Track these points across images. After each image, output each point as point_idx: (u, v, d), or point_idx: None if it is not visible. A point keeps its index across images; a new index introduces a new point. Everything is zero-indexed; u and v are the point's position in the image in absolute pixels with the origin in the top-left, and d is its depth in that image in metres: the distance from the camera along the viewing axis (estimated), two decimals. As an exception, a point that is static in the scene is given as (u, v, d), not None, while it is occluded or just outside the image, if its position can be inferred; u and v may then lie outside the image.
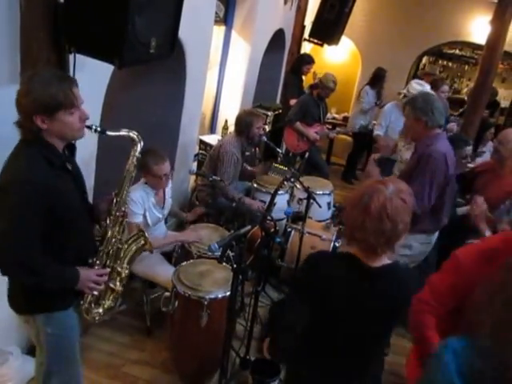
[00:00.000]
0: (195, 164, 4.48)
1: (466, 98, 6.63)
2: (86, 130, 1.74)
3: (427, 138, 2.67)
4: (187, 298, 2.44)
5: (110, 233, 1.87)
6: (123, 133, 1.85)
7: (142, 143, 1.89)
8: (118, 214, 1.87)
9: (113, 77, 2.64)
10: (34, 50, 2.00)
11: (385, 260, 1.48)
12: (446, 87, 4.57)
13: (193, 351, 2.54)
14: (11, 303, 1.82)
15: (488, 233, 2.30)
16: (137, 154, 1.89)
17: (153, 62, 2.33)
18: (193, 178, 4.38)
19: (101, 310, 1.91)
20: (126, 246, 1.94)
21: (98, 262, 1.85)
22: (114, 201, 1.87)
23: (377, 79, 5.92)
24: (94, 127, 1.77)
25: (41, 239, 1.63)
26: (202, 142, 4.48)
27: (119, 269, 1.91)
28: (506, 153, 2.95)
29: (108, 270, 1.87)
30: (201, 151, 4.48)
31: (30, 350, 2.55)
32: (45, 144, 1.63)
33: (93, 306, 1.90)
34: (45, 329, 1.81)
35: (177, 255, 3.05)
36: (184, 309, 2.48)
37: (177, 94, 3.72)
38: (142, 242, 1.98)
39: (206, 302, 2.39)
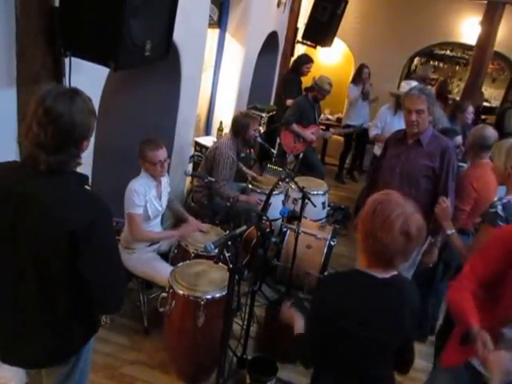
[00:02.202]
0: (190, 165, 4.50)
1: (457, 98, 6.70)
2: None
3: (429, 130, 2.74)
4: (184, 298, 2.46)
5: None
6: None
7: None
8: None
9: (108, 80, 2.66)
10: (30, 54, 2.02)
11: (391, 271, 1.51)
12: (471, 108, 4.50)
13: (190, 351, 2.55)
14: (60, 354, 1.64)
15: (451, 231, 2.33)
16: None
17: (148, 64, 2.36)
18: (188, 179, 4.40)
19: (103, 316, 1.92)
20: None
21: None
22: None
23: (357, 74, 5.99)
24: None
25: None
26: (197, 143, 4.50)
27: None
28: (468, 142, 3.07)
29: None
30: (196, 153, 4.50)
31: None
32: (71, 172, 1.51)
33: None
34: (79, 362, 1.69)
35: (173, 255, 3.06)
36: (181, 309, 2.49)
37: (172, 97, 3.74)
38: None
39: (202, 302, 2.41)
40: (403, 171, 2.79)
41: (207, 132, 5.12)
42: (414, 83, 4.39)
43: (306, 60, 5.67)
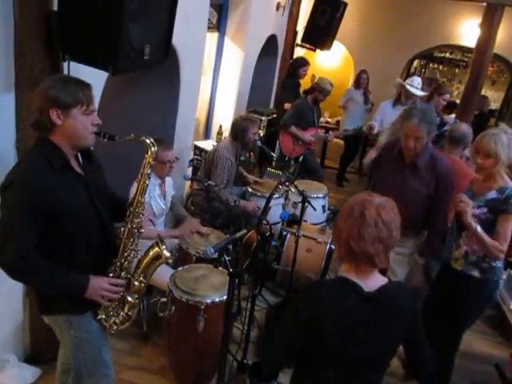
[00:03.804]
0: (190, 169, 4.50)
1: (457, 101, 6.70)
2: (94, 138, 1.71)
3: (427, 152, 2.71)
4: (184, 303, 2.44)
5: (123, 245, 1.82)
6: (133, 137, 1.76)
7: (155, 148, 1.79)
8: (131, 226, 1.81)
9: (107, 84, 2.65)
10: (28, 58, 2.01)
11: (380, 279, 1.45)
12: (448, 96, 4.54)
13: (190, 356, 2.54)
14: (36, 303, 1.89)
15: (478, 228, 2.28)
16: (150, 160, 1.80)
17: (147, 68, 2.35)
18: (188, 183, 4.39)
19: (117, 320, 1.88)
20: (141, 258, 1.89)
21: (111, 274, 1.81)
22: (128, 212, 1.82)
23: (357, 79, 6.05)
24: (102, 133, 1.71)
25: (43, 242, 1.62)
26: (196, 147, 4.50)
27: (135, 281, 1.87)
28: None
29: (123, 280, 1.83)
30: (196, 157, 4.50)
31: (27, 358, 2.54)
32: (51, 145, 1.64)
33: (111, 314, 1.87)
34: (68, 331, 1.83)
35: (174, 258, 3.05)
36: (181, 313, 2.48)
37: (171, 100, 3.74)
38: (157, 250, 1.90)
39: (202, 307, 2.40)
40: (398, 196, 2.71)
41: (207, 136, 5.12)
42: (416, 79, 4.47)
43: (302, 63, 5.68)
